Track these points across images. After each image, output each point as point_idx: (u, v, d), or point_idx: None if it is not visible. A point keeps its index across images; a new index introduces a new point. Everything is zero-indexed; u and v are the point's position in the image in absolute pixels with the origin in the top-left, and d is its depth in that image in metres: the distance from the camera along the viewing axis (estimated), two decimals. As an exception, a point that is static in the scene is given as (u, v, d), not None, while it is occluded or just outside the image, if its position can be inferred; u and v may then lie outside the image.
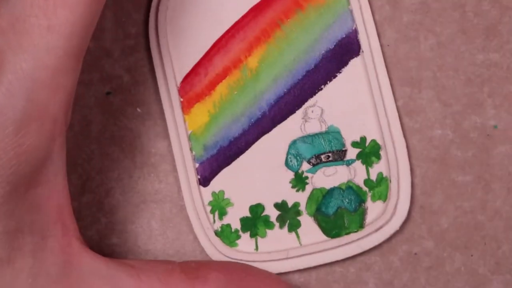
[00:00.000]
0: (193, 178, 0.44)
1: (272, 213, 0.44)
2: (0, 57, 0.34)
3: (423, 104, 0.44)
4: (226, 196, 0.44)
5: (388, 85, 0.43)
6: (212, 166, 0.44)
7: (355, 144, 0.43)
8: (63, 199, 0.38)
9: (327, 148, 0.44)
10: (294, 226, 0.43)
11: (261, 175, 0.44)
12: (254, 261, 0.43)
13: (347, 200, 0.43)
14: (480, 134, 0.44)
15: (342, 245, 0.43)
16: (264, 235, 0.44)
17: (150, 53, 0.44)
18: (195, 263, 0.42)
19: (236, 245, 0.44)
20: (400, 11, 0.44)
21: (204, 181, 0.44)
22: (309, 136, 0.44)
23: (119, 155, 0.45)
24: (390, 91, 0.43)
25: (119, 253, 0.44)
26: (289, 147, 0.44)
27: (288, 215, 0.43)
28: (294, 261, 0.43)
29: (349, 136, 0.44)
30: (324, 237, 0.43)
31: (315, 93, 0.44)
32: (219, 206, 0.44)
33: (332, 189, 0.43)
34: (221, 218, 0.44)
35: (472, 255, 0.44)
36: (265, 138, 0.44)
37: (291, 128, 0.44)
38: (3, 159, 0.35)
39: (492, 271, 0.44)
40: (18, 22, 0.35)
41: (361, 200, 0.43)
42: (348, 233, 0.43)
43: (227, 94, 0.44)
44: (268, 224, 0.43)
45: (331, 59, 0.44)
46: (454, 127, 0.44)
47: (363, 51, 0.43)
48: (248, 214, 0.44)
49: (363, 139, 0.43)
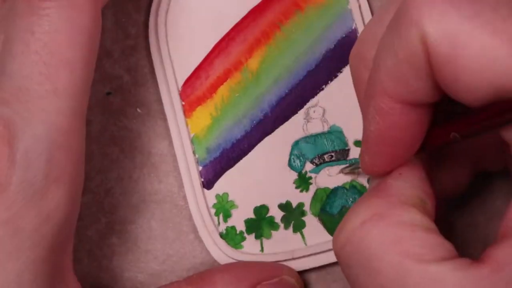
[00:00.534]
0: (197, 181, 0.43)
1: (277, 214, 0.43)
2: (10, 126, 0.34)
3: (423, 103, 0.44)
4: (230, 198, 0.44)
5: (389, 84, 0.43)
6: (215, 168, 0.44)
7: (357, 143, 0.43)
8: (68, 259, 0.39)
9: (330, 148, 0.44)
10: (299, 227, 0.43)
11: (264, 176, 0.44)
12: (260, 263, 0.43)
13: (351, 199, 0.43)
14: (480, 133, 0.44)
15: (348, 244, 0.43)
16: (269, 236, 0.43)
17: (150, 53, 0.44)
18: (196, 274, 0.42)
19: (241, 247, 0.43)
20: (400, 10, 0.44)
21: (208, 183, 0.44)
22: (311, 136, 0.44)
23: (119, 155, 0.44)
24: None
25: (119, 253, 0.44)
26: (292, 147, 0.44)
27: (293, 216, 0.43)
28: (300, 261, 0.43)
29: (352, 135, 0.44)
30: (329, 236, 0.43)
31: (316, 93, 0.44)
32: (223, 208, 0.44)
33: (336, 189, 0.43)
34: (225, 220, 0.44)
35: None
36: (267, 140, 0.44)
37: (293, 128, 0.44)
38: (24, 225, 0.35)
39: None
40: (21, 91, 0.35)
41: (365, 199, 0.43)
42: (353, 232, 0.43)
43: (228, 97, 0.44)
44: (273, 225, 0.43)
45: (331, 59, 0.44)
46: (454, 125, 0.44)
47: (363, 51, 0.44)
48: (253, 216, 0.44)
49: (365, 138, 0.43)
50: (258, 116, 0.44)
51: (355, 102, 0.43)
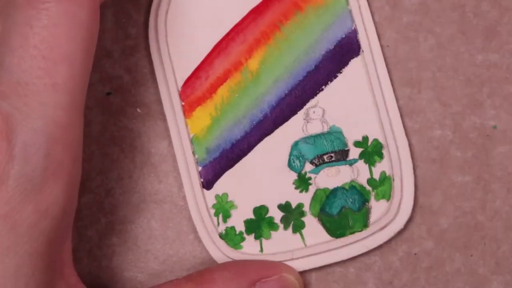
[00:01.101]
0: (196, 181, 0.43)
1: (276, 214, 0.43)
2: (9, 121, 0.34)
3: (422, 104, 0.44)
4: (230, 199, 0.44)
5: (389, 84, 0.43)
6: (215, 169, 0.44)
7: (357, 144, 0.44)
8: (67, 253, 0.39)
9: (330, 148, 0.44)
10: (298, 227, 0.43)
11: (264, 176, 0.44)
12: (259, 263, 0.43)
13: (350, 200, 0.43)
14: (480, 135, 0.44)
15: (347, 244, 0.43)
16: (268, 237, 0.43)
17: (150, 53, 0.44)
18: (196, 272, 0.42)
19: (241, 247, 0.43)
20: (400, 11, 0.44)
21: (208, 184, 0.44)
22: (311, 136, 0.44)
23: (119, 155, 0.44)
24: (391, 90, 0.43)
25: (119, 253, 0.44)
26: (292, 148, 0.44)
27: (292, 216, 0.43)
28: (299, 262, 0.43)
29: (351, 135, 0.44)
30: (328, 237, 0.43)
31: (316, 94, 0.44)
32: (223, 209, 0.44)
33: (336, 189, 0.44)
34: (225, 220, 0.44)
35: (472, 255, 0.44)
36: (267, 140, 0.44)
37: (293, 129, 0.44)
38: (22, 219, 0.35)
39: (492, 271, 0.44)
40: (20, 85, 0.35)
41: (365, 200, 0.43)
42: (352, 233, 0.43)
43: (228, 97, 0.44)
44: (273, 226, 0.43)
45: (331, 60, 0.44)
46: (453, 127, 0.44)
47: (363, 51, 0.44)
48: (252, 216, 0.44)
49: (365, 138, 0.43)
50: (257, 117, 0.44)
51: (354, 102, 0.44)
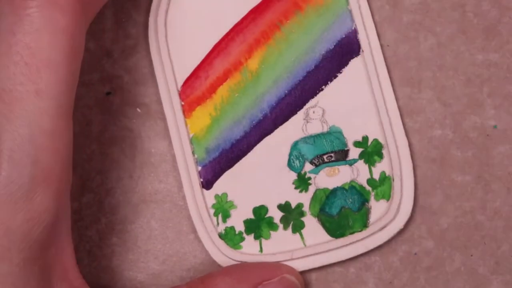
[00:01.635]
0: (196, 181, 0.43)
1: (276, 214, 0.43)
2: None
3: (423, 104, 0.44)
4: (229, 199, 0.44)
5: (389, 84, 0.43)
6: (214, 169, 0.44)
7: (357, 144, 0.44)
8: (69, 256, 0.39)
9: (329, 148, 0.44)
10: (298, 227, 0.43)
11: (263, 176, 0.44)
12: (259, 263, 0.43)
13: (350, 200, 0.43)
14: (480, 134, 0.44)
15: (347, 245, 0.43)
16: (268, 237, 0.43)
17: (150, 53, 0.44)
18: (197, 278, 0.42)
19: (240, 247, 0.43)
20: (400, 11, 0.44)
21: (207, 184, 0.44)
22: (311, 136, 0.44)
23: (119, 155, 0.44)
24: (391, 90, 0.43)
25: (119, 253, 0.44)
26: (291, 148, 0.44)
27: (292, 216, 0.43)
28: (299, 262, 0.43)
29: (351, 135, 0.44)
30: (328, 237, 0.43)
31: (316, 94, 0.44)
32: (222, 208, 0.44)
33: (335, 189, 0.43)
34: (224, 220, 0.44)
35: (472, 255, 0.44)
36: (267, 140, 0.44)
37: (292, 129, 0.44)
38: (14, 227, 0.35)
39: (492, 271, 0.44)
40: (5, 91, 0.35)
41: (365, 200, 0.43)
42: (352, 233, 0.43)
43: (228, 97, 0.44)
44: (272, 226, 0.43)
45: (331, 60, 0.44)
46: (454, 127, 0.44)
47: (363, 51, 0.44)
48: (252, 216, 0.44)
49: (365, 138, 0.43)
50: (257, 117, 0.44)
51: (354, 102, 0.44)
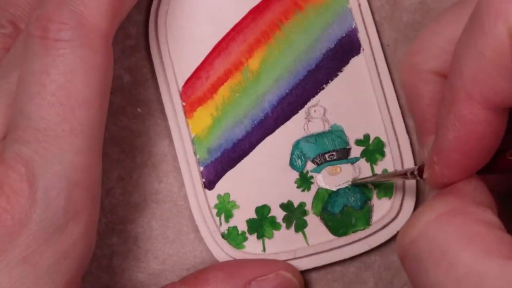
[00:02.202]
0: (198, 181, 0.43)
1: (278, 214, 0.43)
2: (30, 165, 0.35)
3: (423, 102, 0.44)
4: (232, 199, 0.44)
5: (389, 82, 0.43)
6: (216, 169, 0.44)
7: (359, 142, 0.44)
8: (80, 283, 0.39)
9: (331, 147, 0.44)
10: (300, 226, 0.43)
11: (266, 176, 0.44)
12: (262, 263, 0.43)
13: (352, 199, 0.43)
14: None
15: (350, 243, 0.43)
16: (271, 236, 0.43)
17: (151, 53, 0.44)
18: (191, 273, 0.43)
19: (243, 247, 0.43)
20: (400, 11, 0.44)
21: (209, 184, 0.44)
22: (312, 135, 0.44)
23: (119, 155, 0.44)
24: (392, 88, 0.43)
25: (119, 253, 0.44)
26: (293, 147, 0.44)
27: (294, 215, 0.43)
28: (302, 261, 0.43)
29: (353, 134, 0.44)
30: (331, 236, 0.43)
31: (317, 93, 0.44)
32: (225, 208, 0.44)
33: (338, 188, 0.43)
34: (227, 220, 0.44)
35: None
36: (268, 139, 0.44)
37: (294, 128, 0.44)
38: (41, 262, 0.35)
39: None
40: (39, 131, 0.35)
41: (367, 198, 0.43)
42: (355, 231, 0.43)
43: (229, 97, 0.44)
44: (275, 225, 0.43)
45: (332, 58, 0.44)
46: (454, 124, 0.44)
47: (363, 49, 0.44)
48: (254, 216, 0.44)
49: (366, 136, 0.43)
50: (259, 116, 0.44)
51: (356, 101, 0.43)
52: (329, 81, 0.44)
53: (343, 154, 0.44)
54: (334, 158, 0.44)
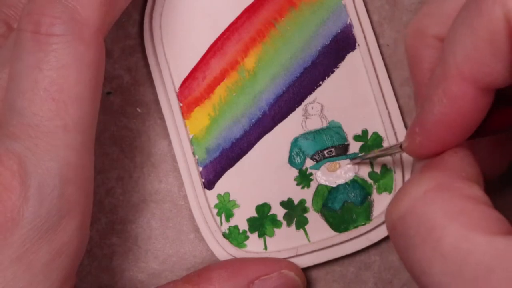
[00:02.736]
0: (198, 182, 0.43)
1: (279, 211, 0.43)
2: (22, 162, 0.35)
3: (421, 100, 0.44)
4: (232, 198, 0.44)
5: (386, 77, 0.43)
6: (215, 168, 0.44)
7: (357, 138, 0.44)
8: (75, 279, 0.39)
9: (330, 143, 0.44)
10: (301, 223, 0.43)
11: (265, 174, 0.44)
12: (264, 261, 0.43)
13: (353, 194, 0.43)
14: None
15: (351, 239, 0.43)
16: (272, 234, 0.43)
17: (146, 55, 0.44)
18: (194, 271, 0.42)
19: (244, 246, 0.43)
20: (400, 11, 0.44)
21: (209, 184, 0.44)
22: (310, 132, 0.44)
23: (119, 155, 0.44)
24: (389, 83, 0.43)
25: (119, 253, 0.44)
26: (292, 144, 0.44)
27: (295, 213, 0.43)
28: (304, 258, 0.43)
29: (351, 130, 0.44)
30: (332, 232, 0.43)
31: (314, 90, 0.44)
32: (225, 208, 0.44)
33: (337, 184, 0.44)
34: (228, 220, 0.44)
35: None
36: (267, 138, 0.44)
37: (292, 125, 0.44)
38: (36, 260, 0.35)
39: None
40: (32, 127, 0.35)
41: (367, 193, 0.43)
42: (356, 227, 0.43)
43: (226, 96, 0.44)
44: (276, 223, 0.43)
45: (327, 55, 0.44)
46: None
47: (359, 45, 0.44)
48: (255, 214, 0.43)
49: (364, 132, 0.43)
50: (256, 115, 0.44)
51: (353, 96, 0.43)
52: (326, 77, 0.44)
53: (341, 150, 0.44)
54: (333, 154, 0.44)
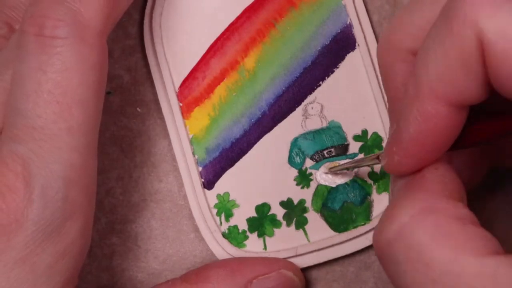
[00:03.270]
0: (197, 182, 0.43)
1: (278, 211, 0.44)
2: (26, 164, 0.35)
3: (421, 98, 0.44)
4: (231, 198, 0.44)
5: (386, 77, 0.43)
6: (215, 168, 0.44)
7: (357, 138, 0.44)
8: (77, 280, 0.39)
9: (329, 144, 0.44)
10: (301, 223, 0.43)
11: (265, 174, 0.44)
12: (264, 261, 0.43)
13: (352, 194, 0.43)
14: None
15: (351, 239, 0.43)
16: (271, 234, 0.43)
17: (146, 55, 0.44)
18: (192, 270, 0.42)
19: (244, 245, 0.43)
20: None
21: (209, 184, 0.44)
22: (310, 132, 0.44)
23: (119, 155, 0.44)
24: (388, 83, 0.43)
25: (119, 253, 0.44)
26: (291, 144, 0.44)
27: (295, 213, 0.43)
28: (304, 258, 0.43)
29: (351, 130, 0.44)
30: (332, 232, 0.43)
31: (313, 90, 0.44)
32: (225, 208, 0.44)
33: (337, 184, 0.44)
34: (227, 220, 0.44)
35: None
36: (266, 138, 0.44)
37: (292, 125, 0.44)
38: (39, 262, 0.35)
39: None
40: (36, 130, 0.35)
41: (367, 193, 0.43)
42: (355, 227, 0.43)
43: (226, 96, 0.44)
44: (275, 223, 0.43)
45: (327, 55, 0.44)
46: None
47: (359, 45, 0.44)
48: (255, 214, 0.44)
49: (364, 132, 0.43)
50: (256, 115, 0.44)
51: (352, 96, 0.43)
52: (326, 77, 0.44)
53: (341, 150, 0.44)
54: (333, 154, 0.44)
